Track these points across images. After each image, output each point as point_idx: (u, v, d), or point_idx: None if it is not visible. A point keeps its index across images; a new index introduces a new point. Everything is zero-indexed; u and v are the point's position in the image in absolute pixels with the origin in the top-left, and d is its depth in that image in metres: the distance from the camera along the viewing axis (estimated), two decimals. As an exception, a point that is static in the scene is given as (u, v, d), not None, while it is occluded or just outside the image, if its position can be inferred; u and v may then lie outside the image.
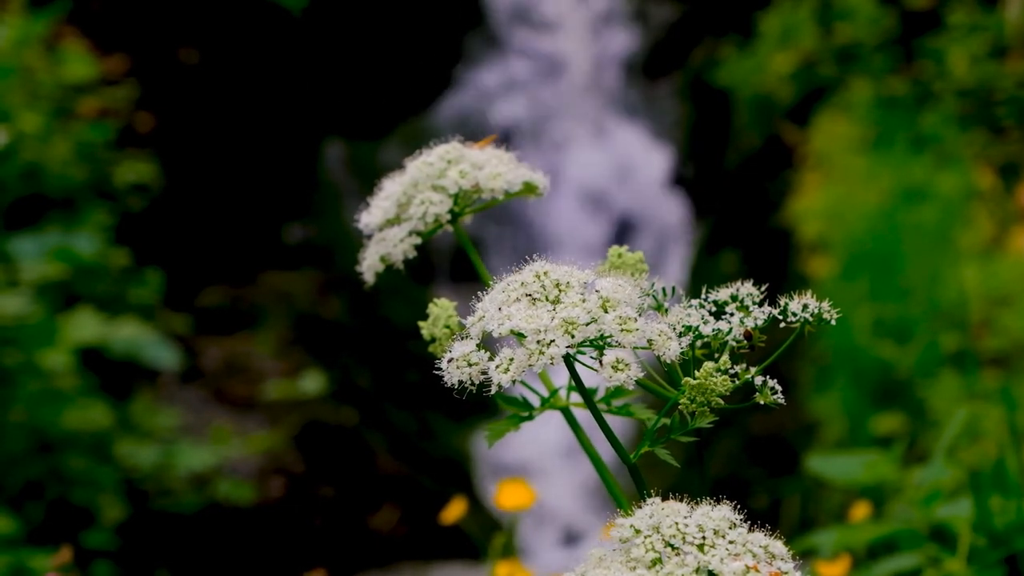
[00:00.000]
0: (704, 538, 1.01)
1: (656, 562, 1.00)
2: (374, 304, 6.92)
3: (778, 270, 6.20)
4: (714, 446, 6.05)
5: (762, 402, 1.08)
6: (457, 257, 7.26)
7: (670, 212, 7.70)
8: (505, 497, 2.24)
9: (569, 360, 1.06)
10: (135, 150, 6.28)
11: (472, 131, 7.43)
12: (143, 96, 6.69)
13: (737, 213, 7.28)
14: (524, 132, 7.96)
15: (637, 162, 7.86)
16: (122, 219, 5.78)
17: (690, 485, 1.16)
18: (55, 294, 4.83)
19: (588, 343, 1.05)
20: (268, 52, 7.63)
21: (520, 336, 1.04)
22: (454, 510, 2.29)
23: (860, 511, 2.21)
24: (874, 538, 2.03)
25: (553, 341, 1.03)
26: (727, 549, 1.00)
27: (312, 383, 6.00)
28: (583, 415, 1.24)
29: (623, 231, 7.55)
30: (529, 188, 1.36)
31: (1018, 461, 2.06)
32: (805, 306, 1.13)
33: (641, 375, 1.04)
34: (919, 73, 6.31)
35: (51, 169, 5.35)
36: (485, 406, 6.09)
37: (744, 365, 1.10)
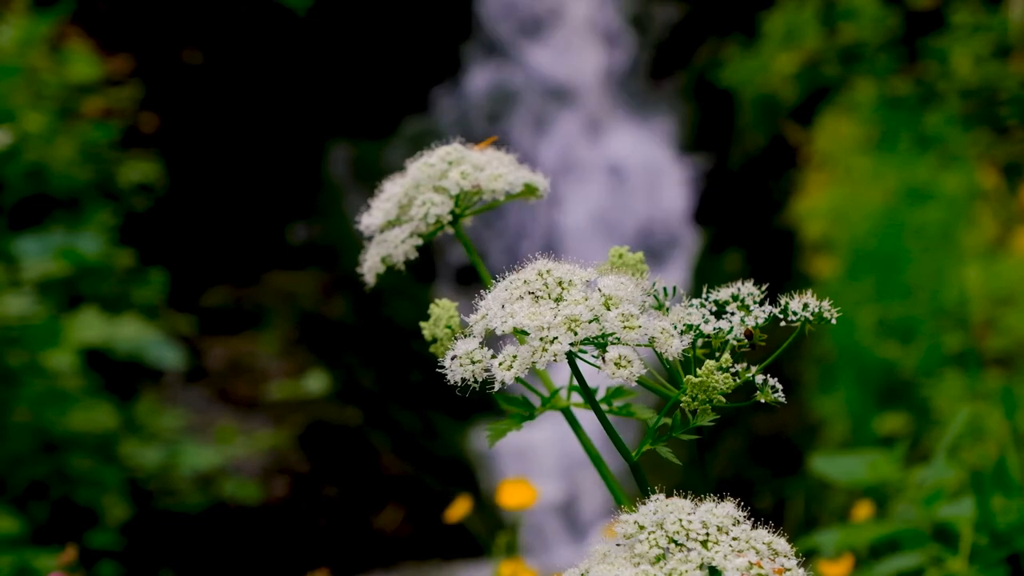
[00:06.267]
0: (708, 534, 1.01)
1: (660, 558, 1.01)
2: (378, 304, 6.93)
3: (782, 270, 6.20)
4: (718, 446, 6.05)
5: (763, 400, 1.08)
6: (463, 259, 7.26)
7: (674, 212, 7.70)
8: (508, 496, 2.24)
9: (572, 358, 1.06)
10: (139, 150, 6.28)
11: (474, 132, 7.44)
12: (147, 96, 6.70)
13: (741, 213, 7.27)
14: (525, 130, 7.96)
15: (640, 162, 7.85)
16: (126, 219, 5.78)
17: (693, 485, 1.16)
18: (59, 294, 4.84)
19: (591, 340, 1.05)
20: (272, 52, 7.63)
21: (523, 334, 1.05)
22: (458, 509, 2.29)
23: (863, 511, 2.22)
24: (876, 537, 2.03)
25: (556, 338, 1.03)
26: (731, 545, 1.00)
27: (316, 383, 6.00)
28: (583, 415, 1.24)
29: (622, 232, 7.55)
30: (530, 189, 1.36)
31: (1019, 461, 2.06)
32: (805, 305, 1.13)
33: (643, 372, 1.05)
34: (923, 73, 6.31)
35: (55, 169, 5.36)
36: (489, 405, 6.09)
37: (745, 364, 1.10)
